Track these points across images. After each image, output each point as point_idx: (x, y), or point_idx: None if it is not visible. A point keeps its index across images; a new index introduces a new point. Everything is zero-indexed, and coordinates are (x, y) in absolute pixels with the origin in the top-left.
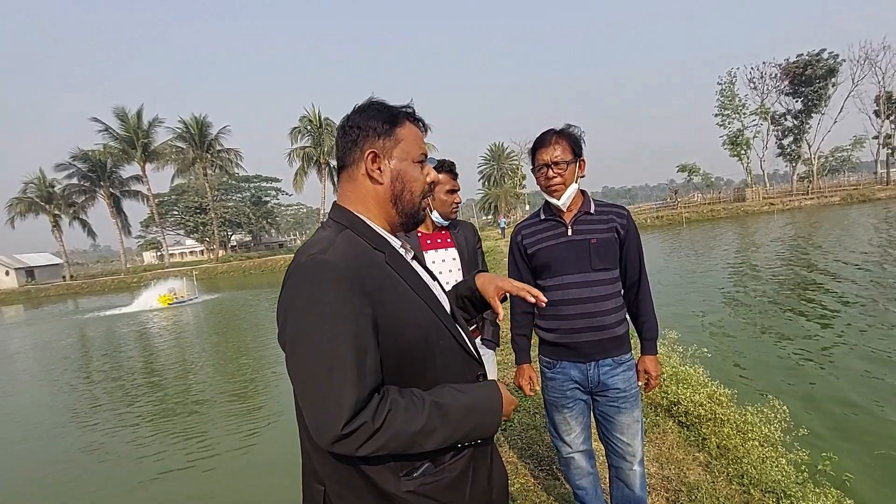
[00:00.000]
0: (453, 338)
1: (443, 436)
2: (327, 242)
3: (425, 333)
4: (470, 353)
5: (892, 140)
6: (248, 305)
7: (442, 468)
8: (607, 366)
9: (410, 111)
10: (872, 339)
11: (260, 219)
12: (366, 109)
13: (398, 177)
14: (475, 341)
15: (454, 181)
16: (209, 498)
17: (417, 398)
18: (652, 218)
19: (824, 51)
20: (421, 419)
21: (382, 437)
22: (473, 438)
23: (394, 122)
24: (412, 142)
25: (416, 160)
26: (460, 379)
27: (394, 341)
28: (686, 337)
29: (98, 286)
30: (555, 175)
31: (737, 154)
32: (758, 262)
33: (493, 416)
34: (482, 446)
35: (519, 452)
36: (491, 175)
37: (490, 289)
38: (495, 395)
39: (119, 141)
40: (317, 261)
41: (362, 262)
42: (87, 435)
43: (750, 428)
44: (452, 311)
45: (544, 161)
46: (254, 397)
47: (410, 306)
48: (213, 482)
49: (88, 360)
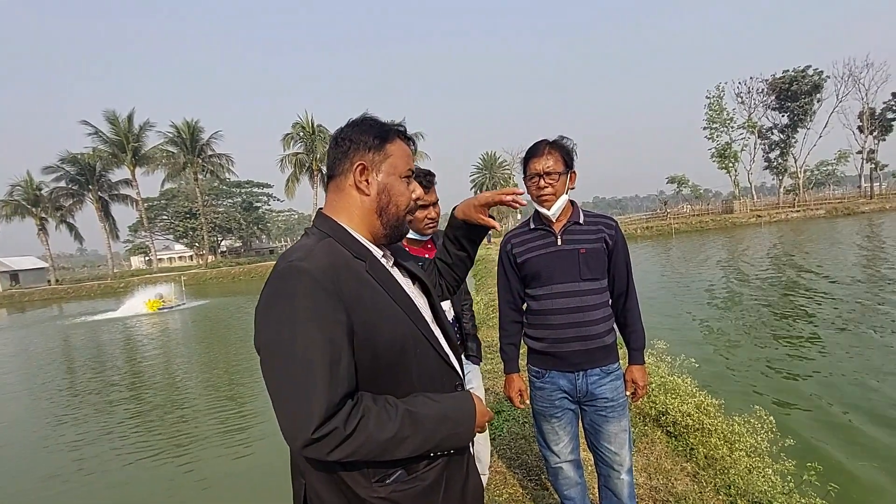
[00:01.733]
0: (432, 347)
1: (414, 444)
2: (306, 250)
3: (402, 341)
4: (449, 364)
5: (875, 155)
6: (237, 312)
7: (415, 476)
8: (595, 375)
9: (402, 129)
10: (860, 351)
11: (251, 224)
12: (359, 123)
13: (384, 190)
14: (457, 350)
15: (428, 195)
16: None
17: (391, 405)
18: (642, 228)
19: (809, 67)
20: (393, 426)
21: (353, 444)
22: (446, 448)
23: (385, 138)
24: (401, 158)
25: (403, 176)
26: (438, 389)
27: (369, 348)
28: (675, 347)
29: (84, 291)
30: (546, 185)
31: (725, 166)
32: (748, 272)
33: (466, 426)
34: (457, 456)
35: (508, 462)
36: (483, 184)
37: (472, 213)
38: (468, 405)
39: (109, 144)
40: (294, 267)
41: (340, 270)
42: (68, 446)
43: (737, 438)
44: (436, 320)
45: (536, 171)
46: (242, 402)
47: (387, 314)
48: (205, 487)
49: (71, 366)
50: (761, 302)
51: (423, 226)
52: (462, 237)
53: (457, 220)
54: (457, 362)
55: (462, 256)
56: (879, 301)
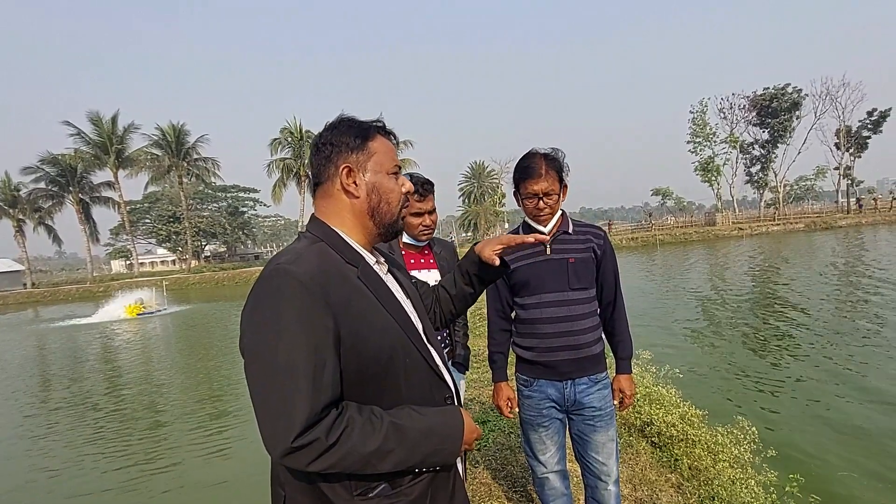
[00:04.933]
0: (422, 357)
1: (398, 458)
2: (296, 254)
3: (390, 350)
4: (439, 375)
5: (852, 171)
6: (219, 318)
7: (399, 491)
8: (583, 384)
9: (381, 125)
10: (837, 364)
11: (236, 229)
12: (337, 126)
13: (374, 189)
14: (447, 362)
15: (420, 202)
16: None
17: (376, 417)
18: (627, 239)
19: (789, 85)
20: (377, 439)
21: (335, 455)
22: (431, 464)
23: (365, 137)
24: (385, 154)
25: (390, 172)
26: (427, 401)
27: (356, 355)
28: (660, 357)
29: (62, 295)
30: (545, 206)
31: (708, 180)
32: (731, 286)
33: (453, 443)
34: (443, 472)
35: (493, 473)
36: (471, 192)
37: (487, 251)
38: (456, 421)
39: (91, 146)
40: (282, 271)
41: (330, 275)
42: (40, 454)
43: (720, 449)
44: (426, 332)
45: (534, 191)
46: (222, 410)
47: (377, 321)
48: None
49: (46, 372)
50: (744, 313)
51: (418, 232)
52: (473, 273)
53: (474, 255)
54: (449, 375)
55: (467, 292)
56: (862, 305)
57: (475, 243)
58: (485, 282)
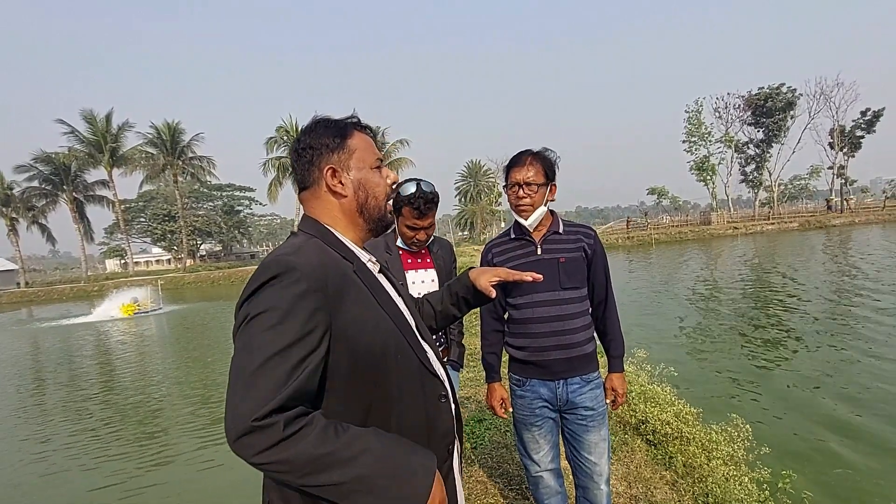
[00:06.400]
0: (415, 354)
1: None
2: (295, 247)
3: (383, 345)
4: (433, 372)
5: (846, 171)
6: (215, 317)
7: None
8: (576, 384)
9: (356, 120)
10: (830, 363)
11: (231, 228)
12: (314, 128)
13: (360, 186)
14: (443, 361)
15: (418, 218)
16: None
17: (342, 428)
18: (623, 238)
19: (783, 85)
20: (331, 444)
21: (285, 451)
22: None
23: (343, 135)
24: (365, 149)
25: (373, 166)
26: (419, 397)
27: (349, 348)
28: (654, 355)
29: (56, 294)
30: (525, 195)
31: (703, 179)
32: (726, 281)
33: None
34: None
35: (489, 471)
36: (467, 191)
37: (482, 280)
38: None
39: (86, 144)
40: (281, 261)
41: (328, 268)
42: (35, 458)
43: (714, 446)
44: (419, 329)
45: (516, 180)
46: (218, 416)
47: (371, 316)
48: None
49: (39, 371)
50: (738, 311)
51: (409, 243)
52: (463, 297)
53: (468, 281)
54: (444, 373)
55: (451, 312)
56: (853, 308)
57: (470, 268)
58: (472, 307)
